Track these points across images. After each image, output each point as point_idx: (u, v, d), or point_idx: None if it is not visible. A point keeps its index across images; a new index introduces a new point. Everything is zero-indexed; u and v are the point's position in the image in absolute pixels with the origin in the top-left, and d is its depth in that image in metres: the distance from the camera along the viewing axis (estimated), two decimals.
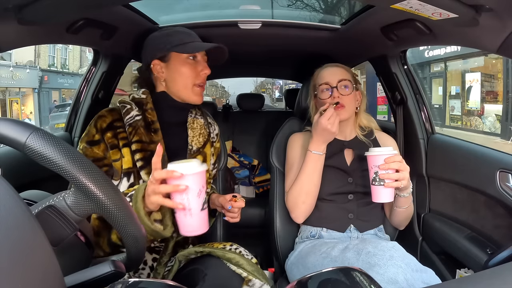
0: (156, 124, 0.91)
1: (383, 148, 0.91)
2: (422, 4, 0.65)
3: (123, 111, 0.89)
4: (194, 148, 0.96)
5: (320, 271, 0.41)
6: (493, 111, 7.76)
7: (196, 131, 0.98)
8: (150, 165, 0.83)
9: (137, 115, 0.89)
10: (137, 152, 0.87)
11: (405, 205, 0.99)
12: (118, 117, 0.89)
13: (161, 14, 1.28)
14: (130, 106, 0.90)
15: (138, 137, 0.87)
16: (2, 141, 0.39)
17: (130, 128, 0.87)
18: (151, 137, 0.89)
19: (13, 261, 0.30)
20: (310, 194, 1.02)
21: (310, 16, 2.64)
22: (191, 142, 0.97)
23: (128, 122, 0.88)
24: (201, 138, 0.99)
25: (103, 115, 0.88)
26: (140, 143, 0.87)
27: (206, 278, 0.81)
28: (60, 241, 0.45)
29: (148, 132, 0.89)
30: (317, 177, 1.01)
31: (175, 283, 0.45)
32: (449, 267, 1.10)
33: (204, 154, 0.98)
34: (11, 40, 0.77)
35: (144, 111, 0.91)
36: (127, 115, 0.88)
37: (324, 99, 1.05)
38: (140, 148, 0.87)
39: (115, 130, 0.87)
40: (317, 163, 1.01)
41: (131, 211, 0.47)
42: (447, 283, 0.43)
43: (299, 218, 1.06)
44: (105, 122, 0.86)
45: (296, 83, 3.88)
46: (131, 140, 0.87)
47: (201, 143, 0.98)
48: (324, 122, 0.95)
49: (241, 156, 2.24)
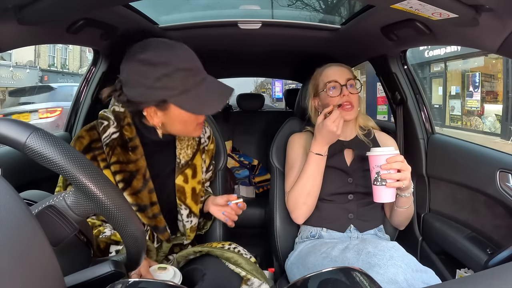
0: (134, 141, 0.84)
1: (385, 148, 0.91)
2: (422, 4, 0.65)
3: (100, 128, 0.83)
4: (183, 162, 0.91)
5: (320, 271, 0.41)
6: (493, 111, 7.76)
7: (184, 143, 0.92)
8: (131, 186, 0.83)
9: (114, 133, 0.83)
10: (117, 174, 0.82)
11: (406, 205, 0.99)
12: (96, 137, 0.83)
13: (161, 14, 1.28)
14: (108, 122, 0.83)
15: (116, 157, 0.82)
16: (2, 141, 0.39)
17: (107, 148, 0.82)
18: (129, 157, 0.83)
19: (13, 261, 0.30)
20: (311, 195, 1.01)
21: (310, 16, 2.64)
22: (179, 155, 0.91)
23: (105, 141, 0.82)
24: (190, 150, 0.92)
25: (81, 135, 0.83)
26: (118, 164, 0.82)
27: (205, 277, 0.81)
28: (60, 241, 0.45)
29: (126, 151, 0.83)
30: (319, 178, 1.01)
31: (175, 283, 0.45)
32: (449, 267, 1.10)
33: (194, 166, 0.93)
34: (11, 40, 0.77)
35: (121, 128, 0.83)
36: (104, 133, 0.82)
37: (333, 96, 1.04)
38: (119, 170, 0.82)
39: (94, 152, 0.82)
40: (319, 164, 1.00)
41: (131, 211, 0.47)
42: (447, 283, 0.43)
43: (300, 219, 1.06)
44: (82, 144, 0.81)
45: (296, 83, 3.88)
46: (109, 162, 0.82)
47: (189, 155, 0.92)
48: (330, 124, 0.94)
49: (241, 156, 2.24)
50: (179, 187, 0.90)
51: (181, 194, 0.91)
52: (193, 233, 0.95)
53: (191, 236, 0.95)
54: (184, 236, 0.94)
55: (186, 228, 0.93)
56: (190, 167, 0.92)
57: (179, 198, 0.90)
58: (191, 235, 0.95)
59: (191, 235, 0.95)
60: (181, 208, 0.91)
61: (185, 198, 0.91)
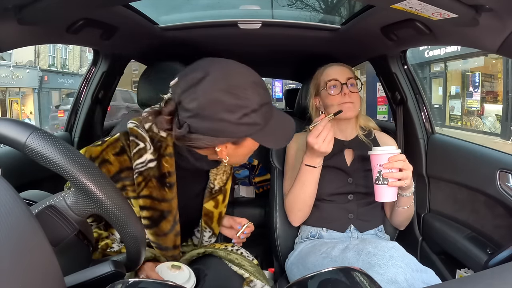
0: (173, 177, 0.74)
1: (387, 147, 0.91)
2: (422, 4, 0.65)
3: (133, 150, 0.71)
4: (216, 188, 0.85)
5: (320, 271, 0.41)
6: (493, 111, 7.76)
7: (220, 168, 0.85)
8: (157, 226, 0.75)
9: (151, 161, 0.71)
10: (145, 210, 0.73)
11: (406, 205, 0.99)
12: (127, 165, 0.71)
13: (161, 14, 1.28)
14: (144, 144, 0.71)
15: (148, 191, 0.72)
16: (2, 141, 0.39)
17: (140, 177, 0.71)
18: (164, 194, 0.73)
19: (13, 261, 0.29)
20: (305, 203, 1.02)
21: (310, 16, 2.63)
22: (213, 181, 0.85)
23: (139, 168, 0.70)
24: (225, 176, 0.87)
25: (108, 160, 0.70)
26: (149, 199, 0.72)
27: (206, 278, 0.81)
28: (60, 241, 0.45)
29: (162, 187, 0.73)
30: (312, 188, 1.00)
31: (175, 283, 0.45)
32: (449, 267, 1.10)
33: (225, 192, 0.88)
34: (11, 40, 0.77)
35: (160, 156, 0.72)
36: (138, 159, 0.70)
37: (333, 95, 1.04)
38: (148, 206, 0.73)
39: (124, 182, 0.72)
40: (313, 174, 0.98)
41: (131, 211, 0.47)
42: (447, 283, 0.43)
43: (295, 222, 1.07)
44: (109, 172, 0.70)
45: (296, 83, 3.88)
46: (139, 194, 0.72)
47: (224, 181, 0.87)
48: (311, 141, 0.91)
49: None
50: (207, 211, 0.87)
51: (208, 219, 0.88)
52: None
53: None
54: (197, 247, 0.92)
55: (204, 245, 0.91)
56: (222, 192, 0.88)
57: (205, 222, 0.88)
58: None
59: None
60: (205, 230, 0.89)
61: (212, 222, 0.89)
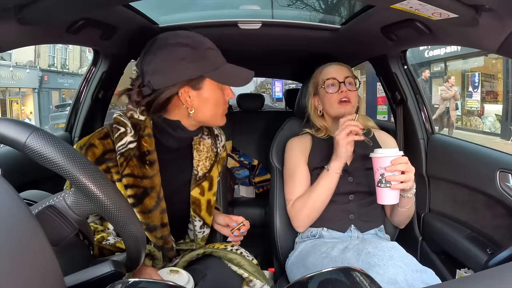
0: (153, 155, 0.79)
1: (389, 149, 0.90)
2: (422, 4, 0.65)
3: (115, 134, 0.77)
4: (200, 174, 0.87)
5: (320, 271, 0.41)
6: (493, 111, 7.76)
7: (202, 154, 0.88)
8: (141, 203, 0.78)
9: (131, 142, 0.77)
10: (129, 188, 0.77)
11: (407, 205, 0.99)
12: (111, 147, 0.77)
13: (161, 14, 1.28)
14: (125, 129, 0.77)
15: (130, 169, 0.76)
16: (2, 141, 0.39)
17: (122, 158, 0.76)
18: (145, 171, 0.78)
19: (13, 261, 0.29)
20: (317, 210, 1.02)
21: (310, 16, 2.64)
22: (196, 167, 0.87)
23: (120, 150, 0.76)
24: (208, 162, 0.89)
25: (94, 144, 0.76)
26: (131, 177, 0.77)
27: (206, 278, 0.81)
28: (60, 241, 0.45)
29: (143, 164, 0.78)
30: (331, 196, 1.01)
31: (175, 283, 0.45)
32: (449, 267, 1.10)
33: (211, 179, 0.89)
34: (11, 40, 0.77)
35: (140, 138, 0.78)
36: (119, 141, 0.76)
37: (331, 93, 1.05)
38: (132, 184, 0.77)
39: (107, 164, 0.77)
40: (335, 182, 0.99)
41: (131, 211, 0.47)
42: (447, 283, 0.43)
43: (301, 228, 1.07)
44: (94, 154, 0.76)
45: (296, 83, 3.88)
46: (122, 173, 0.76)
47: (207, 168, 0.89)
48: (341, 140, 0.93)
49: (241, 156, 2.24)
50: (194, 199, 0.87)
51: (196, 207, 0.88)
52: (204, 241, 0.94)
53: (202, 244, 0.93)
54: (194, 243, 0.92)
55: (198, 237, 0.91)
56: (207, 179, 0.89)
57: (193, 210, 0.88)
58: (202, 243, 0.93)
59: (202, 243, 0.93)
60: (195, 219, 0.89)
61: (200, 210, 0.89)
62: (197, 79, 0.76)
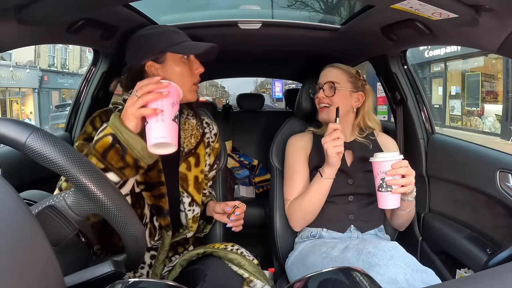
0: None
1: (389, 153, 0.89)
2: (422, 4, 0.65)
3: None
4: (186, 150, 0.94)
5: (320, 271, 0.41)
6: (493, 111, 7.76)
7: (187, 132, 0.96)
8: None
9: None
10: None
11: (408, 208, 0.99)
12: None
13: (161, 14, 1.28)
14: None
15: None
16: (2, 141, 0.39)
17: None
18: None
19: (13, 261, 0.29)
20: (310, 213, 1.02)
21: (310, 16, 2.64)
22: (182, 144, 0.94)
23: None
24: (193, 139, 0.97)
25: (98, 115, 0.87)
26: None
27: (206, 278, 0.81)
28: (60, 241, 0.45)
29: None
30: (324, 200, 1.01)
31: (175, 283, 0.45)
32: (449, 267, 1.10)
33: (197, 155, 0.96)
34: (11, 40, 0.77)
35: None
36: None
37: (315, 98, 1.11)
38: None
39: None
40: (329, 187, 0.99)
41: (131, 211, 0.47)
42: (447, 283, 0.43)
43: (296, 228, 1.08)
44: (100, 122, 0.85)
45: (296, 83, 3.88)
46: None
47: (192, 144, 0.96)
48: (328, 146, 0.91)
49: (241, 156, 2.24)
50: (182, 174, 0.93)
51: (183, 182, 0.93)
52: (195, 223, 0.96)
53: (194, 227, 0.95)
54: (187, 229, 0.94)
55: (188, 218, 0.93)
56: (193, 155, 0.95)
57: (181, 186, 0.92)
58: (194, 226, 0.95)
59: (194, 226, 0.95)
60: (183, 196, 0.93)
61: (188, 185, 0.93)
62: (160, 53, 0.86)
